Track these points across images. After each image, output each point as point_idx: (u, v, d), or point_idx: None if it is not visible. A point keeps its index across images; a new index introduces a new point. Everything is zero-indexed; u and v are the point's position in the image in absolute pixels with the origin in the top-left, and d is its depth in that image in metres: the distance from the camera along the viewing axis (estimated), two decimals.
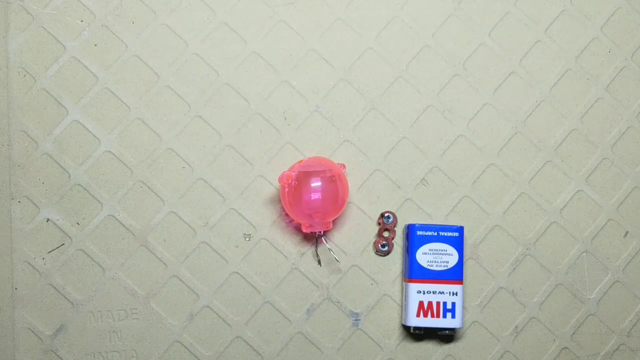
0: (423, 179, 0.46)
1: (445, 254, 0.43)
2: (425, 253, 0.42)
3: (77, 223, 0.44)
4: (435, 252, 0.42)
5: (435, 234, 0.43)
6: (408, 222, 0.45)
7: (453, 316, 0.42)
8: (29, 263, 0.44)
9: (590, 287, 0.46)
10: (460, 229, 0.43)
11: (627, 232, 0.46)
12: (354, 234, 0.45)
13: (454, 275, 0.42)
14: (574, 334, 0.45)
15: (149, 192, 0.45)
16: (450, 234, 0.43)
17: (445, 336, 0.44)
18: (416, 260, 0.43)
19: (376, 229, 0.45)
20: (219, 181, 0.45)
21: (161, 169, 0.45)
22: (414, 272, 0.42)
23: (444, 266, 0.42)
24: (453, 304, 0.42)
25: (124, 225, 0.44)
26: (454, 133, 0.46)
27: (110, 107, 0.45)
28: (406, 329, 0.44)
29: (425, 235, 0.43)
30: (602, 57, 0.47)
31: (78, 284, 0.44)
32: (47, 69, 0.45)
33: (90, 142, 0.45)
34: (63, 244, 0.44)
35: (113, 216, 0.44)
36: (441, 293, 0.42)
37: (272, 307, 0.44)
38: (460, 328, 0.44)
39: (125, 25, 0.46)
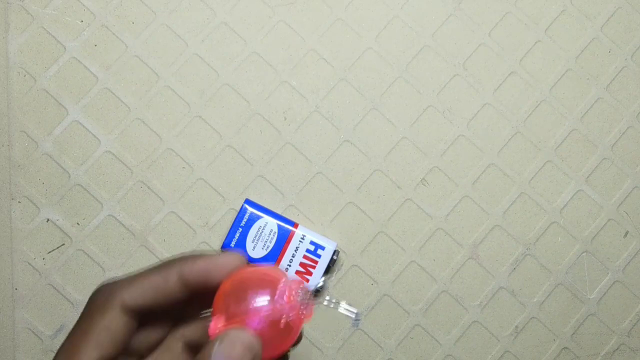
0: (423, 179, 0.46)
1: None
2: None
3: (77, 223, 0.44)
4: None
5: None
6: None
7: None
8: (29, 263, 0.44)
9: (590, 287, 0.46)
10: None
11: (627, 232, 0.46)
12: (354, 234, 0.45)
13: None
14: (574, 334, 0.45)
15: (149, 192, 0.45)
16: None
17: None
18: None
19: (377, 229, 0.45)
20: (219, 181, 0.45)
21: (161, 169, 0.45)
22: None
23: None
24: None
25: (124, 225, 0.44)
26: (454, 133, 0.46)
27: (110, 107, 0.45)
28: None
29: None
30: (602, 57, 0.47)
31: (78, 284, 0.44)
32: (47, 69, 0.45)
33: (90, 142, 0.45)
34: (63, 244, 0.44)
35: (113, 216, 0.44)
36: None
37: None
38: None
39: (125, 25, 0.46)
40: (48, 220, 0.44)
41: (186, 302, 0.29)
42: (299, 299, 0.27)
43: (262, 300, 0.26)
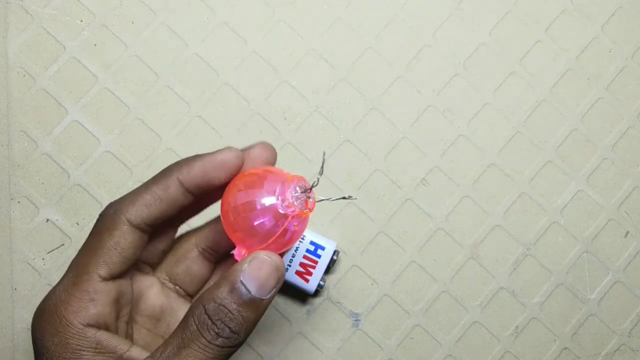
0: (423, 179, 0.46)
1: None
2: None
3: (77, 223, 0.44)
4: None
5: None
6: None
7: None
8: (29, 263, 0.44)
9: (590, 288, 0.46)
10: None
11: (627, 232, 0.46)
12: (353, 233, 0.45)
13: None
14: (574, 334, 0.45)
15: None
16: None
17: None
18: None
19: (377, 229, 0.45)
20: None
21: (161, 169, 0.45)
22: None
23: None
24: None
25: None
26: (454, 133, 0.46)
27: (110, 107, 0.45)
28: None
29: None
30: (602, 57, 0.47)
31: None
32: (47, 69, 0.45)
33: (90, 142, 0.45)
34: (63, 244, 0.44)
35: None
36: None
37: (272, 307, 0.44)
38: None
39: (125, 25, 0.46)
40: (48, 220, 0.44)
41: (192, 205, 0.30)
42: (301, 200, 0.28)
43: (270, 216, 0.27)
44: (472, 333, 0.45)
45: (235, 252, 0.28)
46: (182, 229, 0.34)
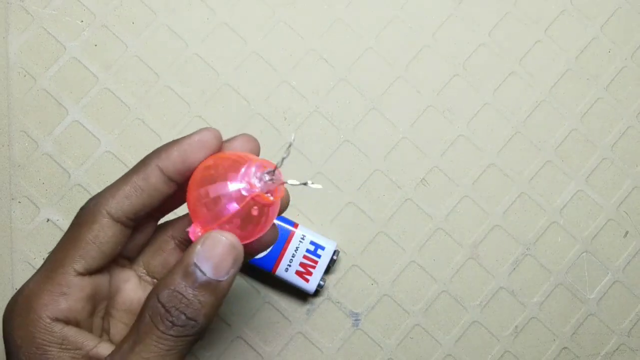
0: (423, 179, 0.46)
1: None
2: None
3: None
4: None
5: None
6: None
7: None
8: (29, 263, 0.44)
9: (590, 287, 0.46)
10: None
11: (627, 232, 0.46)
12: (353, 233, 0.45)
13: None
14: (574, 334, 0.45)
15: None
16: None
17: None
18: None
19: (377, 229, 0.45)
20: None
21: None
22: None
23: None
24: None
25: None
26: (454, 133, 0.46)
27: (110, 107, 0.45)
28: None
29: None
30: (602, 57, 0.47)
31: None
32: (47, 69, 0.45)
33: (90, 142, 0.45)
34: None
35: None
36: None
37: (272, 307, 0.44)
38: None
39: (125, 25, 0.46)
40: (48, 220, 0.44)
41: (173, 195, 0.28)
42: (265, 183, 0.26)
43: (230, 197, 0.26)
44: (472, 333, 0.45)
45: (190, 230, 0.26)
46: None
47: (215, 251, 0.25)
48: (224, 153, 0.28)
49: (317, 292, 0.44)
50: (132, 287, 0.30)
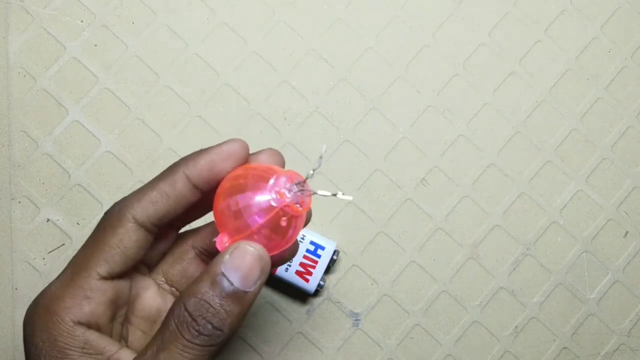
0: (423, 179, 0.46)
1: None
2: None
3: (77, 223, 0.44)
4: None
5: None
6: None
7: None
8: (29, 263, 0.44)
9: (590, 287, 0.46)
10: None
11: (627, 232, 0.46)
12: (353, 233, 0.45)
13: None
14: (574, 334, 0.45)
15: None
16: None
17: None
18: None
19: (377, 229, 0.45)
20: None
21: (161, 169, 0.45)
22: None
23: None
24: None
25: None
26: (454, 133, 0.46)
27: (110, 107, 0.45)
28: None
29: None
30: (602, 57, 0.47)
31: None
32: (47, 69, 0.45)
33: (90, 142, 0.45)
34: (63, 244, 0.44)
35: None
36: None
37: (272, 307, 0.44)
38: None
39: (125, 25, 0.46)
40: (48, 220, 0.44)
41: (197, 204, 0.28)
42: (294, 194, 0.26)
43: (259, 208, 0.26)
44: (472, 333, 0.45)
45: (217, 239, 0.26)
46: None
47: (244, 261, 0.25)
48: (252, 164, 0.29)
49: (317, 292, 0.45)
50: (151, 295, 0.30)
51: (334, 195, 0.26)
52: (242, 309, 0.26)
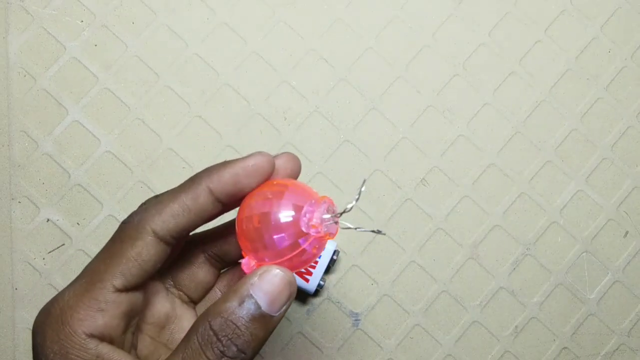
0: (423, 179, 0.46)
1: None
2: None
3: (77, 223, 0.44)
4: None
5: None
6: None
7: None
8: (29, 263, 0.44)
9: (590, 287, 0.46)
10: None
11: (627, 232, 0.46)
12: (353, 233, 0.45)
13: None
14: (574, 333, 0.45)
15: (149, 192, 0.45)
16: None
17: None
18: None
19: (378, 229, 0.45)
20: None
21: (161, 169, 0.45)
22: None
23: None
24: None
25: None
26: (454, 133, 0.46)
27: (110, 107, 0.45)
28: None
29: None
30: (602, 57, 0.47)
31: None
32: (47, 69, 0.45)
33: (90, 142, 0.45)
34: (63, 244, 0.44)
35: (113, 216, 0.44)
36: None
37: None
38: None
39: (125, 25, 0.46)
40: (48, 220, 0.44)
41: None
42: (325, 225, 0.26)
43: (288, 232, 0.25)
44: (472, 333, 0.45)
45: (243, 262, 0.26)
46: None
47: (273, 286, 0.25)
48: (279, 180, 0.28)
49: (317, 292, 0.45)
50: (160, 300, 0.30)
51: (356, 229, 0.26)
52: (266, 334, 0.25)
